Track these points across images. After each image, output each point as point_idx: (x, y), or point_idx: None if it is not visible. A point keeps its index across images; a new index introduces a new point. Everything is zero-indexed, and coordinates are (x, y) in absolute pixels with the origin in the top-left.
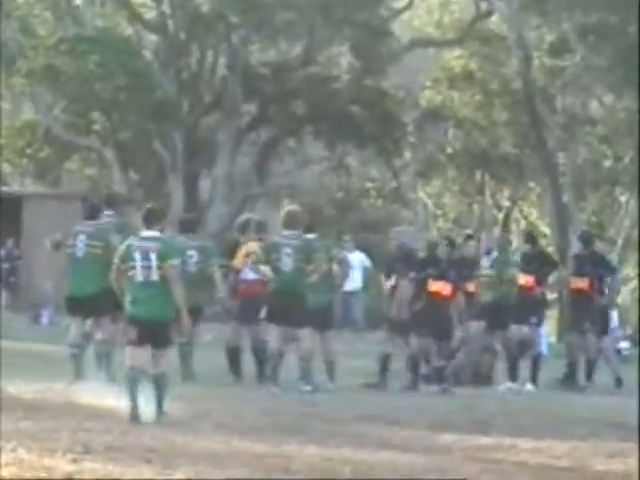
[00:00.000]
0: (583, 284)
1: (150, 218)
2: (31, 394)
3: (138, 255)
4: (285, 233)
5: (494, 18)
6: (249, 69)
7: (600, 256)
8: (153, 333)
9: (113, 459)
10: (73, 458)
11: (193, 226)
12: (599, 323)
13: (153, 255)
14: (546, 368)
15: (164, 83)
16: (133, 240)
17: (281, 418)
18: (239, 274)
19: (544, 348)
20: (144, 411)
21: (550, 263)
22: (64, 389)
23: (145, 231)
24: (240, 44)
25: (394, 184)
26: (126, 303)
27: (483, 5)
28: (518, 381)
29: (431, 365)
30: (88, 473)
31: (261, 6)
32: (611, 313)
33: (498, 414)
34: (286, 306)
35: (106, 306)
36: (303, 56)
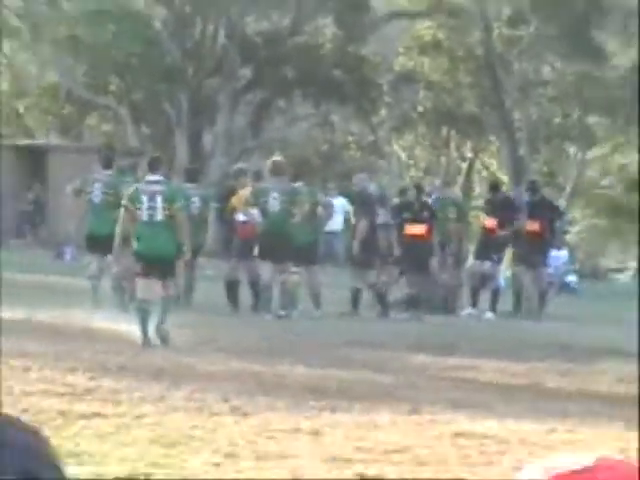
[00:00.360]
0: (535, 226)
1: (154, 164)
2: (55, 320)
3: (145, 197)
4: (272, 180)
5: None
6: (245, 38)
7: (549, 202)
8: (158, 266)
9: (126, 377)
10: (91, 376)
11: (196, 175)
12: (543, 259)
13: (159, 197)
14: (504, 299)
15: (171, 50)
16: (140, 184)
17: (274, 342)
18: (237, 217)
19: (502, 281)
20: (153, 336)
21: (512, 208)
22: (84, 316)
23: (150, 176)
24: (237, 16)
25: (372, 138)
26: (133, 241)
27: None
28: (478, 307)
29: (403, 294)
30: (105, 389)
31: None
32: (560, 251)
33: (463, 339)
34: (274, 244)
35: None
36: (292, 27)
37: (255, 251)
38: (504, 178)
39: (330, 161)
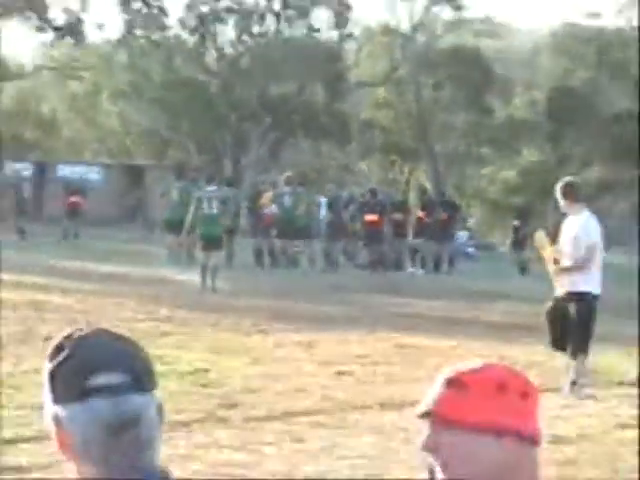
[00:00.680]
0: (444, 216)
1: (210, 179)
2: (145, 273)
3: (205, 200)
4: (285, 187)
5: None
6: (268, 97)
7: (452, 201)
8: (212, 242)
9: (191, 309)
10: (169, 309)
11: (235, 184)
12: (450, 236)
13: (213, 200)
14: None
15: (220, 105)
16: (202, 191)
17: (285, 288)
18: (263, 210)
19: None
20: (208, 285)
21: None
22: (164, 271)
23: (208, 186)
24: (263, 83)
25: (346, 161)
26: (198, 227)
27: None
28: (415, 266)
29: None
30: (177, 317)
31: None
32: (464, 232)
33: (405, 286)
34: (286, 228)
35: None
36: (297, 90)
37: (273, 232)
38: (429, 187)
39: (321, 176)
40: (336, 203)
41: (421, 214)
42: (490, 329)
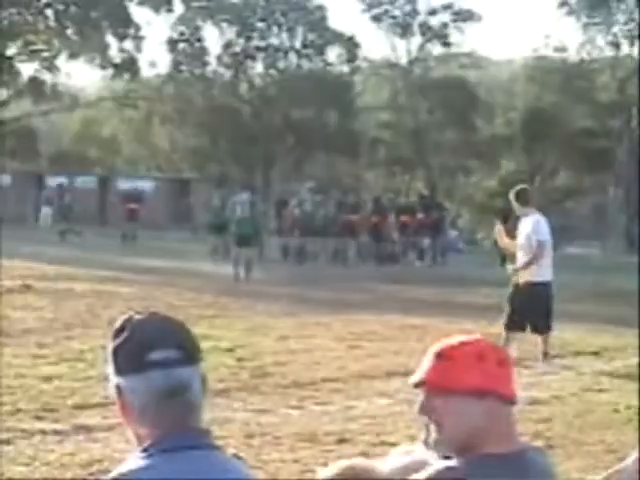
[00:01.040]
0: (436, 215)
1: (243, 187)
2: (183, 266)
3: (239, 205)
4: (306, 194)
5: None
6: (291, 120)
7: (440, 203)
8: (245, 240)
9: (227, 296)
10: (210, 296)
11: (264, 192)
12: (440, 233)
13: (245, 205)
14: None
15: (253, 127)
16: (236, 197)
17: (306, 277)
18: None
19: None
20: (240, 276)
21: (431, 207)
22: (205, 265)
23: (242, 193)
24: (287, 108)
25: (356, 172)
26: (233, 228)
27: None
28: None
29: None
30: (218, 303)
31: (295, 97)
32: (454, 230)
33: (405, 275)
34: (308, 227)
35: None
36: (315, 114)
37: (296, 232)
38: (425, 193)
39: (336, 185)
40: (346, 207)
41: (421, 216)
42: (477, 310)
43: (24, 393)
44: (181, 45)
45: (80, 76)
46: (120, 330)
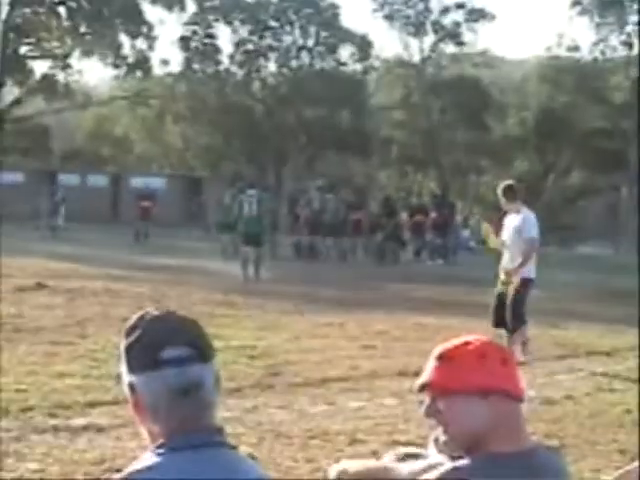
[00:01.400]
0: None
1: (251, 185)
2: (203, 265)
3: (247, 202)
4: (315, 193)
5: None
6: (303, 119)
7: (451, 202)
8: (253, 239)
9: (238, 295)
10: (221, 294)
11: (275, 190)
12: (449, 232)
13: (253, 203)
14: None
15: (265, 126)
16: (244, 195)
17: (318, 276)
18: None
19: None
20: (250, 276)
21: (444, 206)
22: (216, 263)
23: (249, 191)
24: (300, 108)
25: (368, 171)
26: (241, 226)
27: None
28: (430, 258)
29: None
30: (230, 302)
31: (308, 96)
32: (466, 230)
33: (417, 275)
34: (317, 226)
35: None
36: (328, 113)
37: (305, 230)
38: (438, 192)
39: (347, 184)
40: (353, 206)
41: (434, 215)
42: (487, 310)
43: (37, 390)
44: (194, 43)
45: (93, 74)
46: (133, 328)
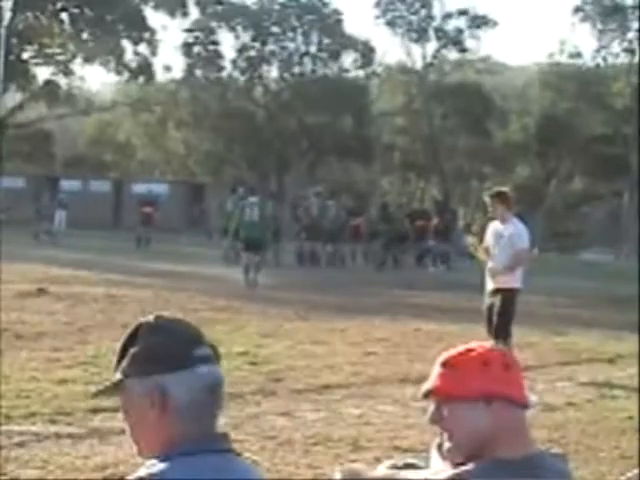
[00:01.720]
0: (442, 223)
1: (252, 191)
2: (207, 271)
3: (248, 208)
4: (314, 199)
5: None
6: (305, 125)
7: (453, 209)
8: (254, 244)
9: (238, 300)
10: (222, 300)
11: (276, 196)
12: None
13: (255, 209)
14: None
15: (266, 131)
16: (246, 201)
17: (321, 282)
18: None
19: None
20: (251, 280)
21: (445, 211)
22: (217, 269)
23: (251, 198)
24: (301, 114)
25: (370, 177)
26: (242, 232)
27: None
28: (432, 265)
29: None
30: (230, 307)
31: (310, 102)
32: (465, 237)
33: (419, 281)
34: (315, 231)
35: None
36: (330, 120)
37: (304, 236)
38: (440, 198)
39: (349, 190)
40: (352, 213)
41: (436, 221)
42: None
43: (38, 396)
44: (196, 49)
45: (95, 80)
46: (153, 329)
